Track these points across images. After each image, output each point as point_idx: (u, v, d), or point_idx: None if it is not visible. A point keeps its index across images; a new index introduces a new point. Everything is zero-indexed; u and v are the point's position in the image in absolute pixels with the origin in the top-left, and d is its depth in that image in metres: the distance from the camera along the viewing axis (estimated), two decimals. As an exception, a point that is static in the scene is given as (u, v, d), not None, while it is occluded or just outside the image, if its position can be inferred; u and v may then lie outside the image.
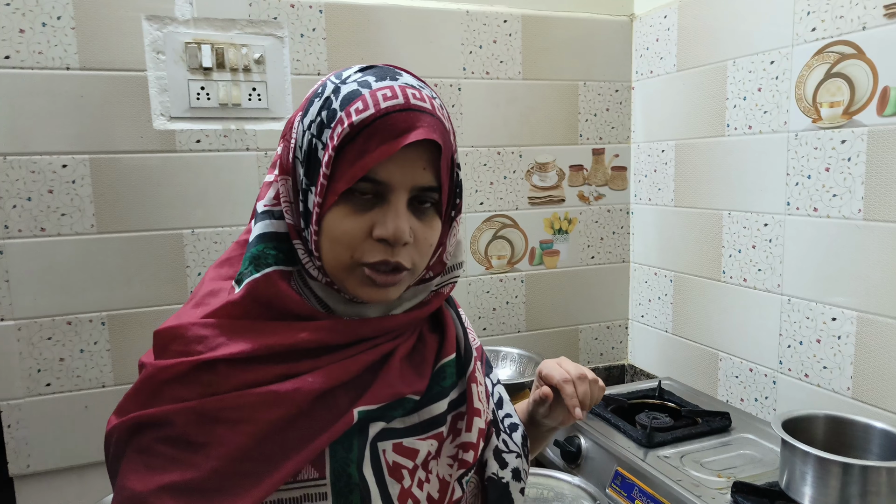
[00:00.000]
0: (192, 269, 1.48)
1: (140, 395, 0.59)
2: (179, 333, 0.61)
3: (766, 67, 1.41)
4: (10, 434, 1.37)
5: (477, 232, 1.74)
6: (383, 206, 0.61)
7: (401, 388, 0.64)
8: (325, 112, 0.60)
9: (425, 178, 0.62)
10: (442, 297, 0.72)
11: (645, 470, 1.22)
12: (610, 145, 1.86)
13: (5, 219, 1.33)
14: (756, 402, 1.49)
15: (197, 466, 0.56)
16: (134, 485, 0.56)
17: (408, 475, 0.64)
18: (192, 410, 0.57)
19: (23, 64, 1.32)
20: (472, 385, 0.71)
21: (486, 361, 0.82)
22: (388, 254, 0.61)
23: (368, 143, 0.58)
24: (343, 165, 0.58)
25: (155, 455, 0.57)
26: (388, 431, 0.64)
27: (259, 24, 1.47)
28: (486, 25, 1.68)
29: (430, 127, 0.60)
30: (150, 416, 0.58)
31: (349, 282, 0.62)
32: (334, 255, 0.61)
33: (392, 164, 0.59)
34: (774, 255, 1.42)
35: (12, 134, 1.32)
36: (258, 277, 0.62)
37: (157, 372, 0.59)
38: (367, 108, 0.58)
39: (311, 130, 0.61)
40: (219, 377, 0.58)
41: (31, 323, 1.37)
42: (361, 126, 0.58)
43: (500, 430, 0.75)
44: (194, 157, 1.45)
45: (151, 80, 1.40)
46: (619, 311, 1.94)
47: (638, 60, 1.84)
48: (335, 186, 0.59)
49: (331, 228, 0.60)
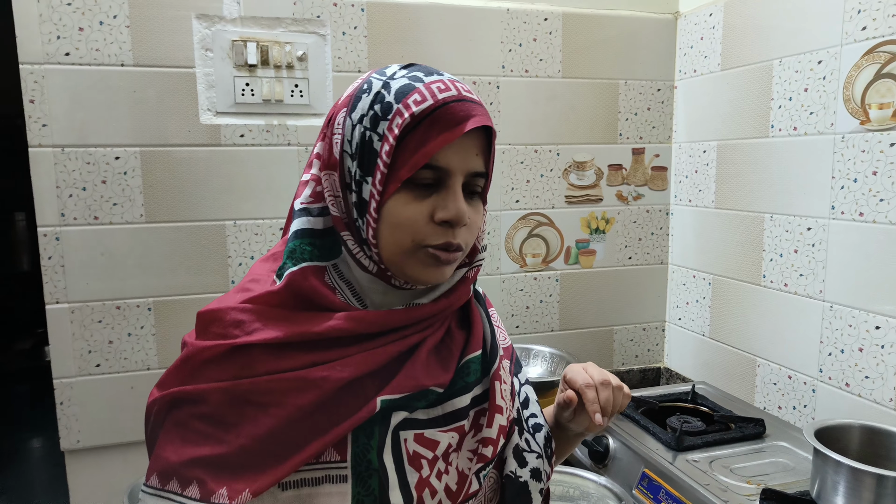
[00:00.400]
0: (234, 259, 1.53)
1: (180, 372, 0.63)
2: (219, 317, 0.64)
3: (814, 67, 1.37)
4: (62, 410, 1.45)
5: (512, 230, 1.75)
6: (442, 191, 0.64)
7: (424, 381, 0.66)
8: (379, 105, 0.63)
9: (478, 164, 0.66)
10: (469, 283, 0.73)
11: (672, 473, 1.20)
12: (650, 145, 1.84)
13: (62, 207, 1.41)
14: (794, 411, 1.46)
15: (227, 443, 0.59)
16: (169, 455, 0.60)
17: (427, 465, 0.65)
18: (225, 391, 0.60)
19: (81, 60, 1.39)
20: (495, 382, 0.72)
21: (516, 361, 0.82)
22: (450, 235, 0.64)
23: (430, 132, 0.61)
24: (404, 154, 0.61)
25: (190, 429, 0.60)
26: (410, 422, 0.66)
27: (303, 22, 1.51)
28: (526, 23, 1.68)
29: (483, 116, 0.64)
30: (187, 392, 0.61)
31: (409, 265, 0.65)
32: (395, 240, 0.64)
33: (450, 151, 0.63)
34: (817, 261, 1.39)
35: (71, 127, 1.40)
36: (296, 270, 0.65)
37: (196, 352, 0.63)
38: (425, 100, 0.62)
39: (364, 123, 0.63)
40: (252, 361, 0.61)
41: (84, 306, 1.44)
42: (422, 116, 0.61)
43: (523, 430, 0.75)
44: (238, 151, 1.50)
45: (199, 77, 1.46)
46: (655, 313, 1.92)
47: (681, 59, 1.81)
48: (397, 174, 0.62)
49: (392, 215, 0.63)
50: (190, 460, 0.59)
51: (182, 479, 0.59)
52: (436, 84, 0.63)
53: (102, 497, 1.49)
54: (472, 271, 0.74)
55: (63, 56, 1.38)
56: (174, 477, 0.59)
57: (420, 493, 0.64)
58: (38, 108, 1.37)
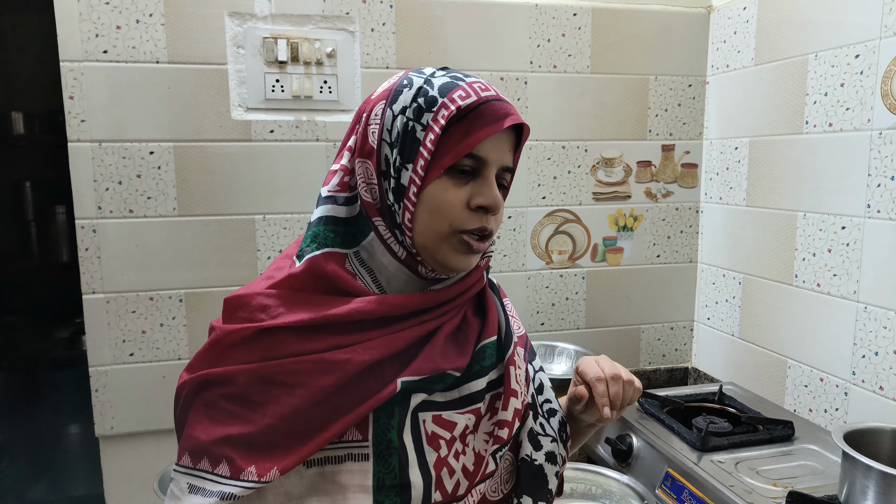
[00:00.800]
0: (263, 252, 1.56)
1: (208, 355, 0.66)
2: (245, 302, 0.67)
3: (851, 62, 1.34)
4: (97, 397, 1.50)
5: (538, 226, 1.74)
6: (479, 179, 0.69)
7: (442, 364, 0.68)
8: (423, 98, 0.67)
9: (509, 159, 0.71)
10: (481, 270, 0.76)
11: (697, 473, 1.19)
12: (680, 141, 1.81)
13: (99, 200, 1.45)
14: (826, 414, 1.42)
15: (254, 422, 0.62)
16: (199, 434, 0.63)
17: (445, 445, 0.68)
18: (252, 372, 0.63)
19: (118, 58, 1.43)
20: (510, 367, 0.74)
21: (530, 349, 0.84)
22: (485, 221, 0.69)
23: (474, 124, 0.66)
24: (448, 143, 0.66)
25: (218, 409, 0.63)
26: (429, 403, 0.69)
27: (332, 19, 1.53)
28: (554, 19, 1.67)
29: (517, 116, 0.70)
30: (215, 374, 0.64)
31: (441, 250, 0.68)
32: (432, 224, 0.68)
33: (490, 144, 0.68)
34: (851, 260, 1.35)
35: (108, 122, 1.44)
36: (318, 255, 0.69)
37: (224, 335, 0.66)
38: (469, 96, 0.67)
39: (407, 114, 0.67)
40: (278, 343, 0.64)
41: (119, 297, 1.49)
42: (467, 110, 0.66)
43: (538, 414, 0.78)
44: (268, 147, 1.53)
45: (231, 73, 1.49)
46: (684, 312, 1.89)
47: (714, 54, 1.78)
48: (440, 161, 0.66)
49: (432, 199, 0.67)
50: (219, 439, 0.62)
51: (212, 458, 0.62)
52: (477, 84, 0.69)
53: (134, 482, 1.54)
54: (484, 260, 0.77)
55: (101, 53, 1.42)
56: (205, 456, 0.62)
57: (438, 472, 0.67)
58: (78, 104, 1.42)
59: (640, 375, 1.87)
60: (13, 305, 2.75)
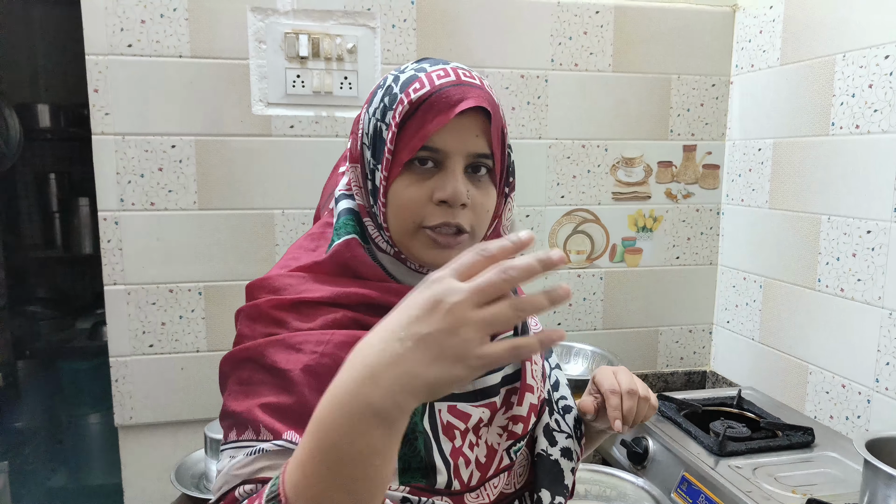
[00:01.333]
0: (281, 247, 1.57)
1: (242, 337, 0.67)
2: (266, 283, 0.69)
3: (880, 63, 1.31)
4: (117, 388, 1.52)
5: (556, 225, 1.73)
6: (441, 172, 0.66)
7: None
8: (388, 97, 0.67)
9: (478, 144, 0.67)
10: None
11: (713, 478, 1.18)
12: (702, 142, 1.79)
13: (122, 193, 1.47)
14: (847, 421, 1.40)
15: (288, 391, 0.61)
16: (236, 406, 0.62)
17: (459, 436, 0.68)
18: (280, 341, 0.63)
19: (142, 52, 1.44)
20: (526, 363, 0.74)
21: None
22: (449, 215, 0.66)
23: (426, 116, 0.64)
24: (405, 139, 0.65)
25: (253, 383, 0.63)
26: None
27: (353, 15, 1.53)
28: (577, 16, 1.66)
29: (480, 97, 0.66)
30: (247, 349, 0.64)
31: (414, 247, 0.68)
32: (399, 222, 0.67)
33: (447, 133, 0.65)
34: (876, 265, 1.33)
35: (131, 116, 1.45)
36: (341, 242, 0.70)
37: (251, 313, 0.66)
38: (423, 87, 0.65)
39: (376, 116, 0.68)
40: (302, 315, 0.65)
41: (139, 288, 1.50)
42: (419, 102, 0.65)
43: (553, 410, 0.78)
44: (288, 142, 1.54)
45: (253, 68, 1.50)
46: (703, 315, 1.87)
47: (738, 53, 1.75)
48: (399, 158, 0.65)
49: (396, 197, 0.67)
50: (258, 406, 0.61)
51: (254, 426, 0.60)
52: (436, 72, 0.66)
53: (152, 472, 1.56)
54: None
55: (126, 47, 1.43)
56: (248, 426, 0.61)
57: (455, 461, 0.67)
58: (102, 97, 1.43)
59: (658, 378, 1.85)
60: (36, 296, 2.80)
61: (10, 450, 2.32)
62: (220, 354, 0.69)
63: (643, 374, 1.84)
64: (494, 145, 0.68)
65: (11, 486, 2.18)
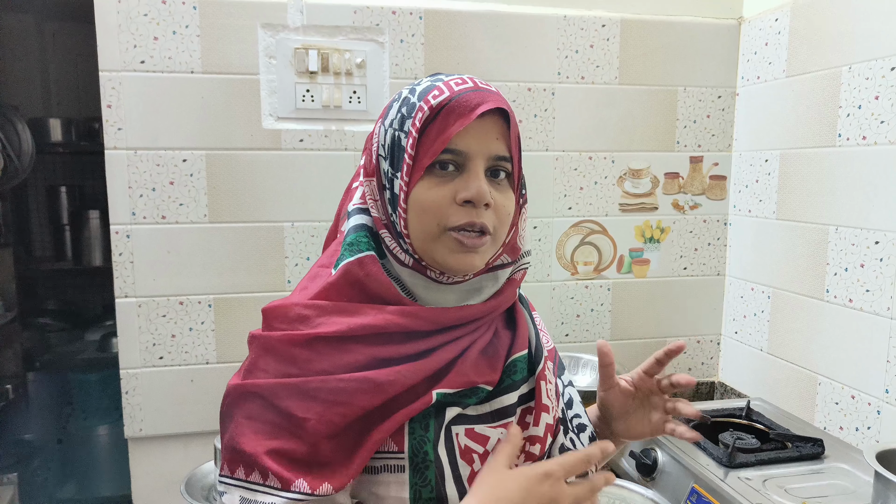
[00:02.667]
0: (290, 259, 1.58)
1: (254, 366, 0.67)
2: (283, 313, 0.68)
3: (886, 74, 1.32)
4: (127, 399, 1.53)
5: (564, 237, 1.74)
6: (464, 174, 0.67)
7: (474, 378, 0.69)
8: (405, 108, 0.68)
9: (499, 147, 0.69)
10: (515, 285, 0.76)
11: (723, 490, 1.17)
12: (709, 153, 1.80)
13: (133, 206, 1.49)
14: (857, 432, 1.39)
15: (300, 438, 0.62)
16: (245, 445, 0.63)
17: (478, 459, 0.68)
18: (296, 386, 0.63)
19: (155, 68, 1.47)
20: (541, 382, 0.74)
21: (560, 363, 0.84)
22: (473, 215, 0.67)
23: (447, 120, 0.66)
24: (426, 144, 0.66)
25: (262, 422, 0.63)
26: (461, 417, 0.69)
27: (362, 30, 1.55)
28: (583, 30, 1.67)
29: (499, 101, 0.68)
30: (258, 386, 0.64)
31: (438, 251, 0.68)
32: (422, 226, 0.68)
33: (468, 135, 0.66)
34: (885, 276, 1.33)
35: (144, 130, 1.47)
36: (352, 260, 0.69)
37: (265, 345, 0.67)
38: (443, 94, 0.67)
39: (394, 126, 0.69)
40: (317, 355, 0.65)
41: (150, 301, 1.52)
42: (440, 107, 0.66)
43: (567, 429, 0.78)
44: (297, 156, 1.55)
45: (263, 83, 1.52)
46: (711, 325, 1.87)
47: (744, 65, 1.76)
48: (420, 163, 0.66)
49: (418, 201, 0.67)
50: (268, 451, 0.62)
51: (262, 470, 0.62)
52: (453, 80, 0.68)
53: (162, 484, 1.56)
54: (520, 273, 0.76)
55: (139, 64, 1.45)
56: (255, 468, 0.62)
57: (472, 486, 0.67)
58: (115, 112, 1.46)
59: (666, 389, 1.85)
60: (46, 308, 2.82)
61: (20, 462, 2.33)
62: (230, 367, 0.70)
63: (651, 386, 1.83)
64: (513, 148, 0.70)
65: (20, 498, 2.19)
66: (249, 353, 0.68)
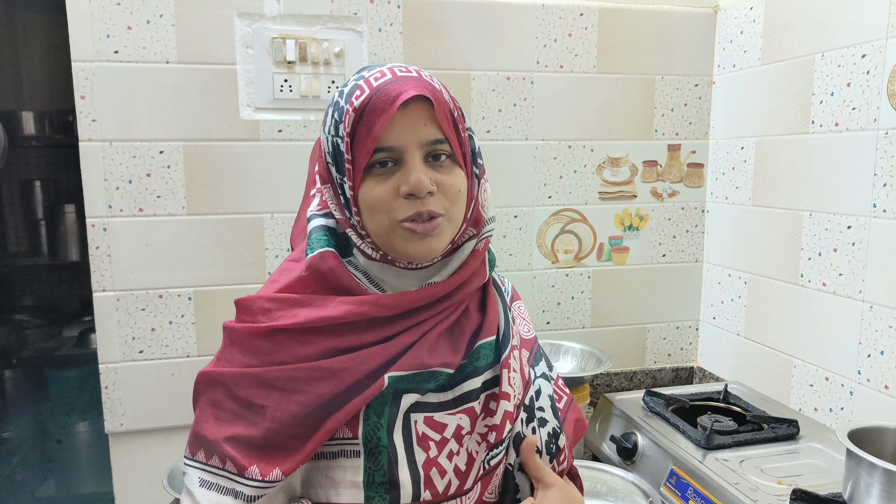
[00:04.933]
0: (271, 251, 1.57)
1: (222, 355, 0.71)
2: (248, 305, 0.72)
3: (857, 62, 1.34)
4: (107, 394, 1.51)
5: (544, 226, 1.75)
6: (402, 167, 0.68)
7: (428, 360, 0.70)
8: (336, 112, 0.70)
9: (429, 132, 0.69)
10: (479, 256, 0.76)
11: (701, 471, 1.20)
12: (687, 141, 1.82)
13: (109, 199, 1.47)
14: (831, 413, 1.43)
15: (256, 425, 0.66)
16: (206, 431, 0.67)
17: (434, 446, 0.70)
18: (254, 376, 0.67)
19: (129, 58, 1.44)
20: (503, 370, 0.75)
21: (538, 353, 0.84)
22: (418, 205, 0.68)
23: (371, 119, 0.66)
24: (358, 146, 0.68)
25: (223, 409, 0.67)
26: (422, 405, 0.71)
27: (340, 19, 1.54)
28: (561, 19, 1.68)
29: (418, 87, 0.67)
30: (221, 374, 0.68)
31: (396, 243, 0.69)
32: (375, 223, 0.69)
33: (396, 128, 0.67)
34: (857, 260, 1.35)
35: (119, 122, 1.45)
36: (314, 256, 0.72)
37: (231, 335, 0.71)
38: (363, 92, 0.67)
39: (331, 132, 0.70)
40: (278, 346, 0.68)
41: (128, 294, 1.50)
42: (362, 107, 0.67)
43: (532, 418, 0.78)
44: (276, 146, 1.54)
45: (240, 73, 1.50)
46: (689, 311, 1.89)
47: (720, 54, 1.78)
48: (358, 165, 0.68)
49: (366, 201, 0.69)
50: (225, 438, 0.66)
51: (220, 455, 0.66)
52: (373, 75, 0.69)
53: (144, 478, 1.55)
54: (482, 242, 0.77)
55: (112, 54, 1.43)
56: (214, 453, 0.66)
57: (427, 472, 0.69)
58: (89, 103, 1.43)
59: (646, 374, 1.87)
60: (22, 304, 2.78)
61: (-1, 460, 2.30)
62: (210, 360, 0.72)
63: (631, 371, 1.86)
64: (445, 129, 0.69)
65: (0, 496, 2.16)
66: (223, 341, 0.72)
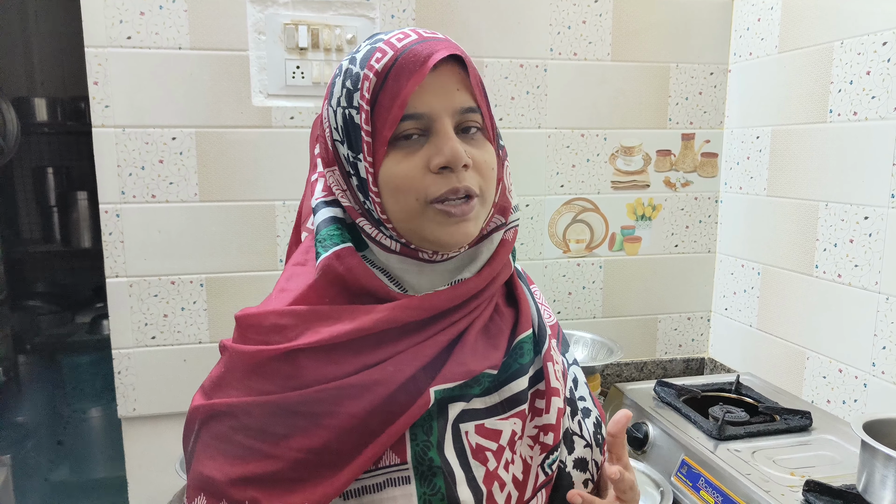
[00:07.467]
0: (283, 238, 1.57)
1: (223, 381, 0.60)
2: (257, 322, 0.61)
3: (878, 49, 1.32)
4: (119, 379, 1.53)
5: (556, 215, 1.74)
6: (432, 138, 0.60)
7: (474, 366, 0.62)
8: (349, 80, 0.61)
9: (464, 99, 0.61)
10: (508, 246, 0.69)
11: (713, 462, 1.19)
12: (701, 130, 1.80)
13: (122, 185, 1.47)
14: (844, 405, 1.42)
15: (278, 457, 0.56)
16: (212, 472, 0.57)
17: (492, 457, 0.62)
18: (272, 404, 0.57)
19: (142, 44, 1.44)
20: (548, 363, 0.67)
21: (563, 339, 0.77)
22: (454, 180, 0.59)
23: (398, 82, 0.58)
24: (381, 115, 0.59)
25: (232, 444, 0.57)
26: (469, 413, 0.63)
27: (352, 5, 1.53)
28: (575, 6, 1.66)
29: (451, 47, 0.60)
30: (227, 405, 0.58)
31: (426, 228, 0.61)
32: (401, 206, 0.61)
33: (426, 93, 0.59)
34: (874, 251, 1.34)
35: (132, 108, 1.45)
36: (329, 255, 0.62)
37: (236, 360, 0.60)
38: (385, 54, 0.59)
39: (342, 104, 0.62)
40: (299, 370, 0.58)
41: (141, 280, 1.51)
42: (386, 70, 0.58)
43: (576, 410, 0.70)
44: (288, 133, 1.54)
45: (252, 60, 1.50)
46: (701, 302, 1.88)
47: (737, 42, 1.76)
48: (381, 137, 0.59)
49: (390, 179, 0.60)
50: (239, 478, 0.56)
51: (230, 500, 0.56)
52: (394, 36, 0.60)
53: (156, 463, 1.57)
54: (510, 232, 0.69)
55: (125, 40, 1.43)
56: (223, 498, 0.56)
57: (489, 488, 0.61)
58: (102, 89, 1.43)
59: (657, 365, 1.87)
60: (35, 290, 2.80)
61: (13, 444, 2.33)
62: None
63: (642, 362, 1.85)
64: (478, 96, 0.62)
65: (14, 480, 2.19)
66: (218, 363, 0.63)
